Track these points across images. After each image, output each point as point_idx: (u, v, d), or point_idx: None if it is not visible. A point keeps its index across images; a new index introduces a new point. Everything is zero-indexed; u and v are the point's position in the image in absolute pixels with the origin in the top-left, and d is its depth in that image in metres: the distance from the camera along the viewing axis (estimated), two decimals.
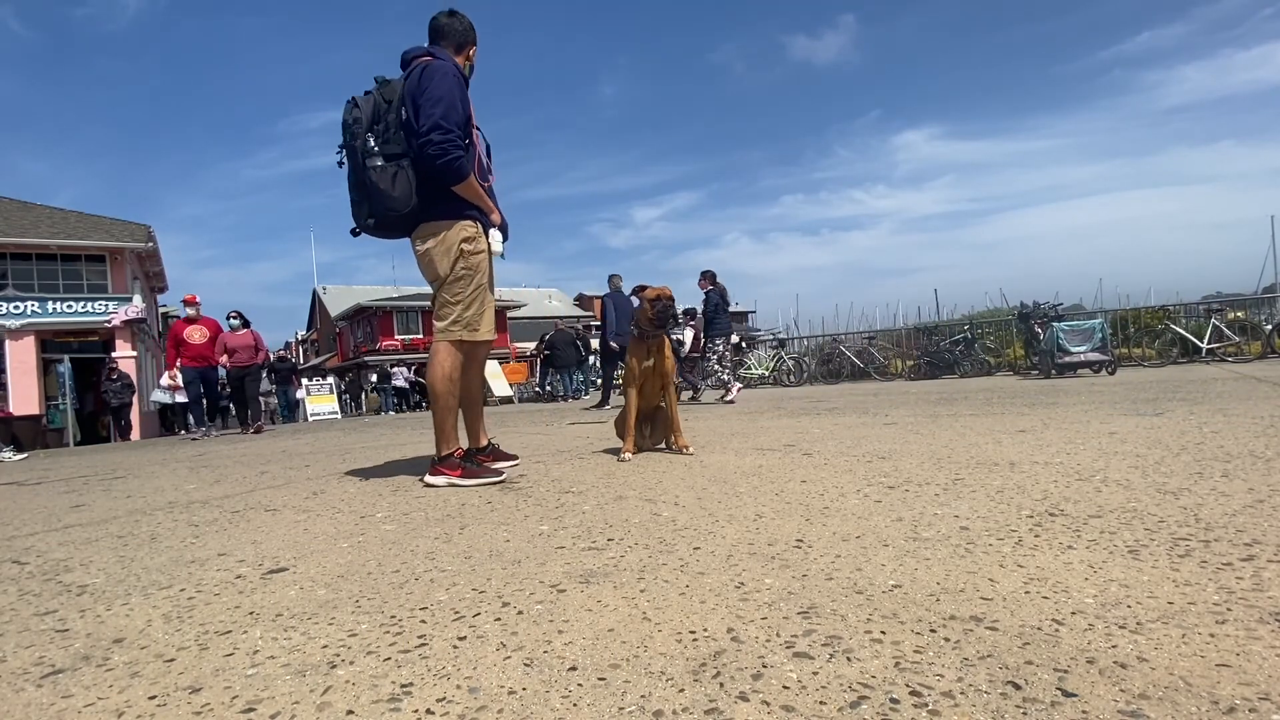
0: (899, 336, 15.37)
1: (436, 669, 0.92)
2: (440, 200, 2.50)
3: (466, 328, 2.56)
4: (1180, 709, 0.72)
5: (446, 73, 2.45)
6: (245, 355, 8.68)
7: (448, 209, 2.52)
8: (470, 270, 2.55)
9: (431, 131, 2.36)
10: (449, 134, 2.37)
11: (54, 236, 17.71)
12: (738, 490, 2.07)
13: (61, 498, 3.02)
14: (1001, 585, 1.11)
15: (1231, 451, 2.22)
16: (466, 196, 2.51)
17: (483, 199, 2.58)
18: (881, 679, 0.82)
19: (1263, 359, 9.91)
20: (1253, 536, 1.29)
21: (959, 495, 1.81)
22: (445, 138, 2.36)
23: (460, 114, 2.43)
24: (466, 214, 2.55)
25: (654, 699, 0.80)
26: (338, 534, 1.80)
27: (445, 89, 2.41)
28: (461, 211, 2.54)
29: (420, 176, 2.45)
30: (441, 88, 2.41)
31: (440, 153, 2.37)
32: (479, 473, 2.49)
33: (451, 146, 2.38)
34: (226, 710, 0.84)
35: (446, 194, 2.49)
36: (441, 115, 2.37)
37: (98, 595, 1.38)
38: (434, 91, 2.40)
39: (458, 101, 2.43)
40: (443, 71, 2.44)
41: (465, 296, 2.55)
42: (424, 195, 2.47)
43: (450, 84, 2.43)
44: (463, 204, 2.53)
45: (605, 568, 1.34)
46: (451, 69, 2.48)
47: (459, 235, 2.52)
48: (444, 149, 2.37)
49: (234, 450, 5.37)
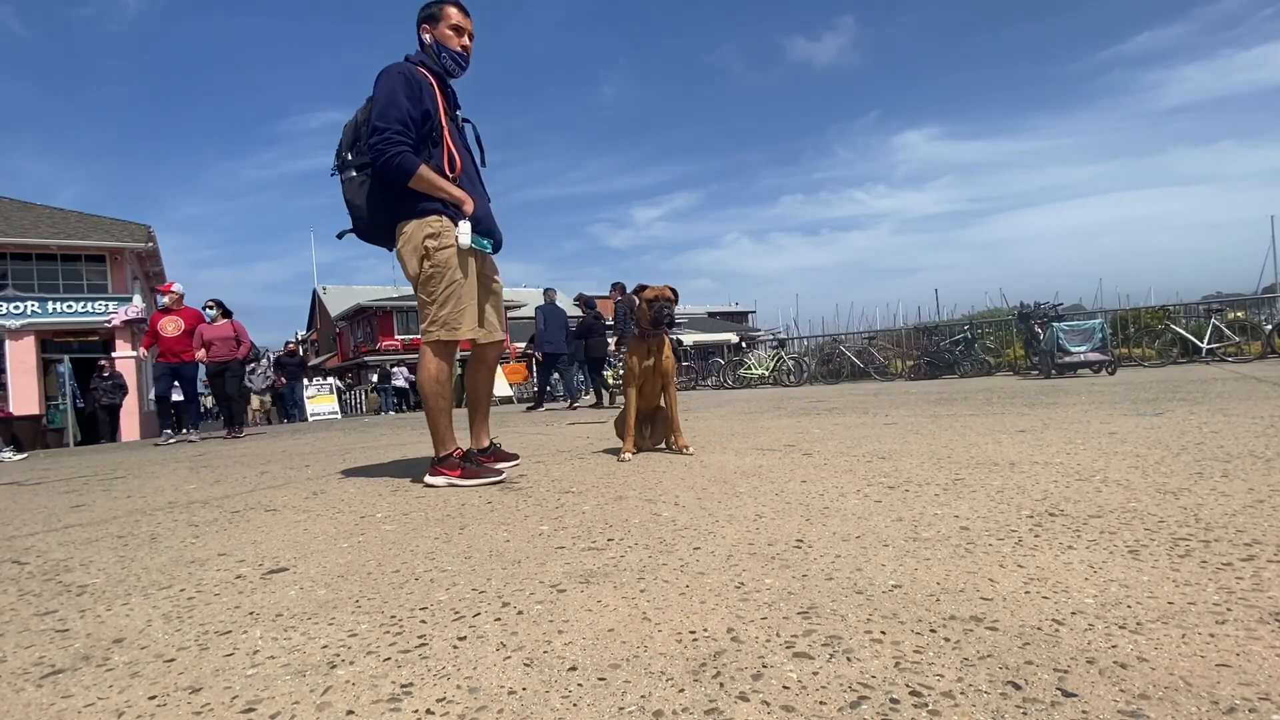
0: (899, 336, 15.37)
1: (436, 669, 0.92)
2: (405, 200, 2.49)
3: (444, 327, 2.50)
4: (1180, 709, 0.72)
5: (389, 74, 2.45)
6: (223, 349, 7.82)
7: (410, 208, 2.49)
8: (438, 267, 2.48)
9: (371, 135, 2.38)
10: (384, 133, 2.36)
11: (54, 236, 17.72)
12: (738, 490, 2.07)
13: (61, 498, 3.02)
14: (1001, 585, 1.11)
15: (1231, 451, 2.22)
16: (424, 190, 2.46)
17: (445, 190, 2.48)
18: (881, 679, 0.82)
19: (1263, 359, 9.90)
20: (1253, 536, 1.29)
21: (959, 495, 1.81)
22: (379, 138, 2.37)
23: (401, 109, 2.39)
24: (428, 208, 2.48)
25: (654, 699, 0.80)
26: (338, 534, 1.80)
27: (384, 90, 2.42)
28: (423, 207, 2.48)
29: (377, 181, 2.47)
30: (381, 89, 2.43)
31: (377, 154, 2.38)
32: (479, 473, 2.49)
33: (386, 145, 2.36)
34: (226, 710, 0.84)
35: (406, 193, 2.46)
36: (377, 115, 2.38)
37: (98, 595, 1.38)
38: (376, 94, 2.44)
39: (398, 98, 2.40)
40: (385, 74, 2.45)
41: (439, 294, 2.49)
42: (389, 199, 2.48)
43: (390, 83, 2.43)
44: (422, 199, 2.48)
45: (605, 568, 1.34)
46: (397, 69, 2.46)
47: (422, 232, 2.48)
48: (380, 149, 2.37)
49: (234, 450, 5.37)
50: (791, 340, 17.38)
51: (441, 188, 2.47)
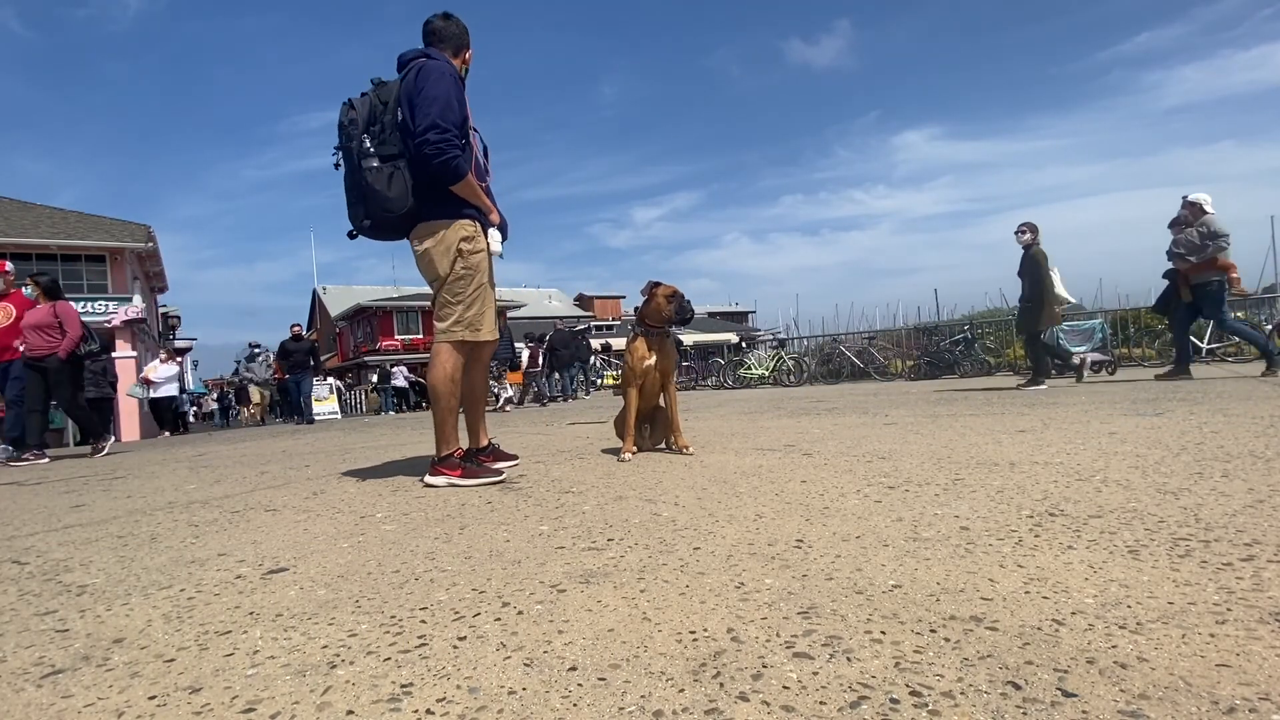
0: (899, 336, 15.38)
1: (436, 669, 0.92)
2: (438, 200, 2.50)
3: (468, 328, 2.56)
4: (1180, 709, 0.72)
5: (443, 73, 2.44)
6: (39, 340, 5.89)
7: (445, 209, 2.52)
8: (470, 270, 2.54)
9: (428, 131, 2.35)
10: (446, 133, 2.36)
11: (54, 236, 17.71)
12: (738, 490, 2.07)
13: (61, 498, 3.02)
14: (1001, 585, 1.11)
15: (1231, 451, 2.22)
16: (464, 196, 2.51)
17: (480, 198, 2.57)
18: (881, 679, 0.82)
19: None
20: (1253, 536, 1.29)
21: (959, 495, 1.81)
22: (442, 137, 2.36)
23: (457, 114, 2.42)
24: (465, 213, 2.55)
25: (654, 699, 0.80)
26: (338, 534, 1.80)
27: (442, 89, 2.40)
28: (459, 211, 2.54)
29: (417, 177, 2.44)
30: (438, 88, 2.40)
31: (437, 152, 2.36)
32: (479, 473, 2.49)
33: (448, 146, 2.37)
34: (226, 710, 0.84)
35: (444, 194, 2.48)
36: (439, 114, 2.36)
37: (98, 595, 1.38)
38: (430, 91, 2.39)
39: (454, 101, 2.42)
40: (439, 72, 2.44)
41: (466, 296, 2.55)
42: (421, 196, 2.47)
43: (447, 84, 2.42)
44: (460, 204, 2.53)
45: (605, 568, 1.34)
46: (448, 70, 2.47)
47: (458, 235, 2.52)
48: (440, 148, 2.36)
49: (234, 450, 5.37)
50: (791, 340, 17.38)
51: (479, 195, 2.56)
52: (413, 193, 2.44)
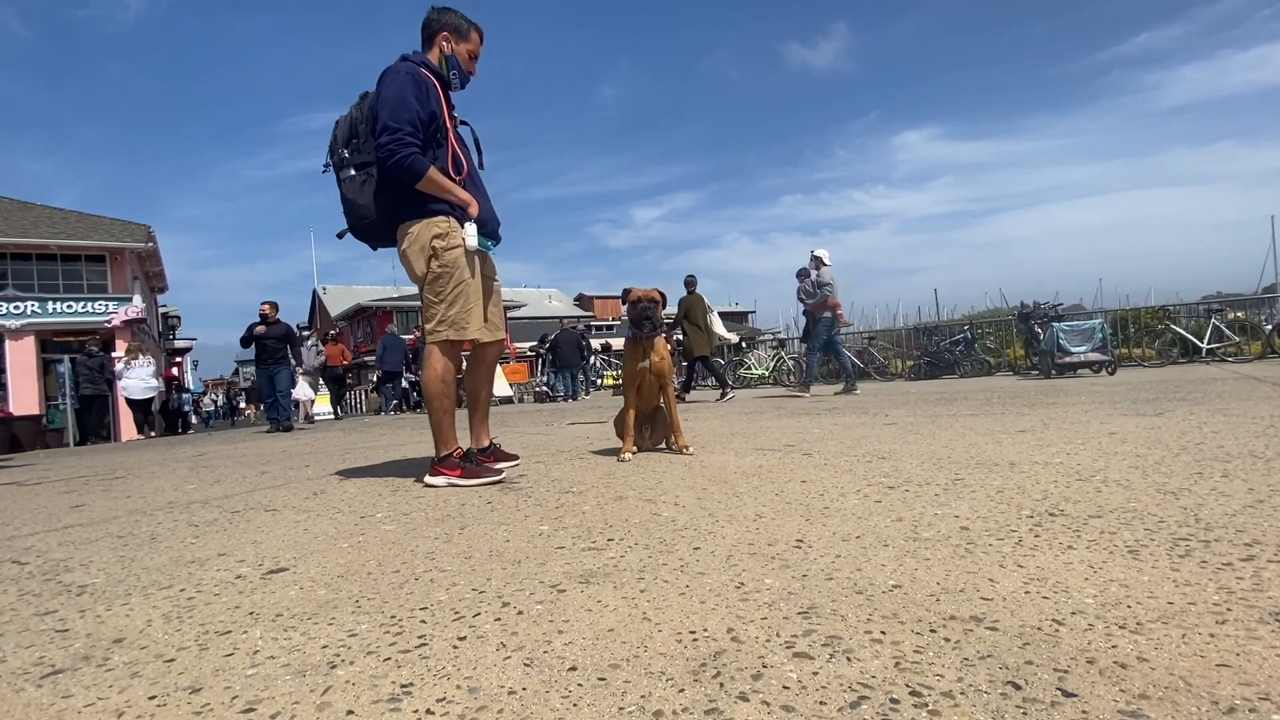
0: (899, 336, 15.37)
1: (436, 669, 0.92)
2: (410, 200, 2.49)
3: (452, 327, 2.53)
4: (1180, 709, 0.72)
5: (396, 73, 2.45)
6: None
7: (417, 208, 2.50)
8: (447, 267, 2.50)
9: (380, 134, 2.38)
10: (395, 134, 2.36)
11: (54, 236, 17.73)
12: (738, 490, 2.07)
13: (61, 498, 3.02)
14: (1001, 585, 1.11)
15: (1231, 451, 2.22)
16: (431, 192, 2.47)
17: (452, 193, 2.51)
18: (881, 679, 0.82)
19: (1263, 359, 9.90)
20: (1253, 536, 1.29)
21: (959, 495, 1.81)
22: (391, 138, 2.36)
23: (411, 111, 2.40)
24: (435, 210, 2.51)
25: (654, 699, 0.80)
26: (338, 534, 1.80)
27: (393, 89, 2.41)
28: (430, 208, 2.50)
29: (383, 181, 2.46)
30: (390, 89, 2.42)
31: (387, 154, 2.37)
32: (479, 473, 2.49)
33: (399, 146, 2.36)
34: (226, 710, 0.84)
35: (414, 194, 2.47)
36: (389, 116, 2.38)
37: (98, 595, 1.38)
38: (384, 94, 2.42)
39: (408, 99, 2.41)
40: (393, 73, 2.45)
41: (447, 294, 2.52)
42: (394, 199, 2.49)
43: (399, 83, 2.42)
44: (431, 200, 2.50)
45: (605, 568, 1.34)
46: (404, 69, 2.46)
47: (430, 233, 2.49)
48: (391, 150, 2.37)
49: (234, 450, 5.37)
50: (791, 340, 17.36)
51: (449, 190, 2.49)
52: (382, 196, 2.47)
